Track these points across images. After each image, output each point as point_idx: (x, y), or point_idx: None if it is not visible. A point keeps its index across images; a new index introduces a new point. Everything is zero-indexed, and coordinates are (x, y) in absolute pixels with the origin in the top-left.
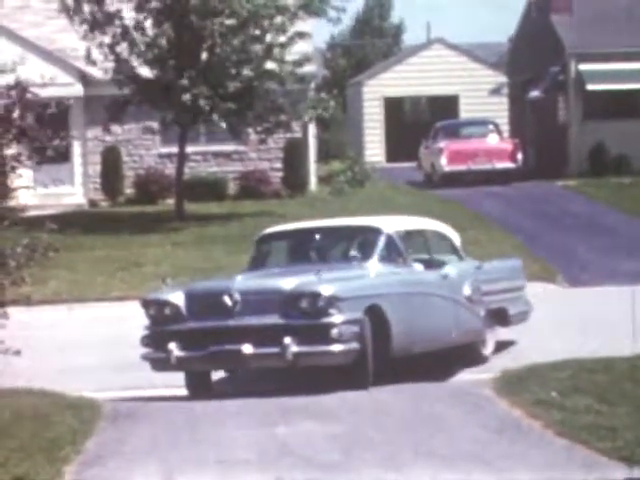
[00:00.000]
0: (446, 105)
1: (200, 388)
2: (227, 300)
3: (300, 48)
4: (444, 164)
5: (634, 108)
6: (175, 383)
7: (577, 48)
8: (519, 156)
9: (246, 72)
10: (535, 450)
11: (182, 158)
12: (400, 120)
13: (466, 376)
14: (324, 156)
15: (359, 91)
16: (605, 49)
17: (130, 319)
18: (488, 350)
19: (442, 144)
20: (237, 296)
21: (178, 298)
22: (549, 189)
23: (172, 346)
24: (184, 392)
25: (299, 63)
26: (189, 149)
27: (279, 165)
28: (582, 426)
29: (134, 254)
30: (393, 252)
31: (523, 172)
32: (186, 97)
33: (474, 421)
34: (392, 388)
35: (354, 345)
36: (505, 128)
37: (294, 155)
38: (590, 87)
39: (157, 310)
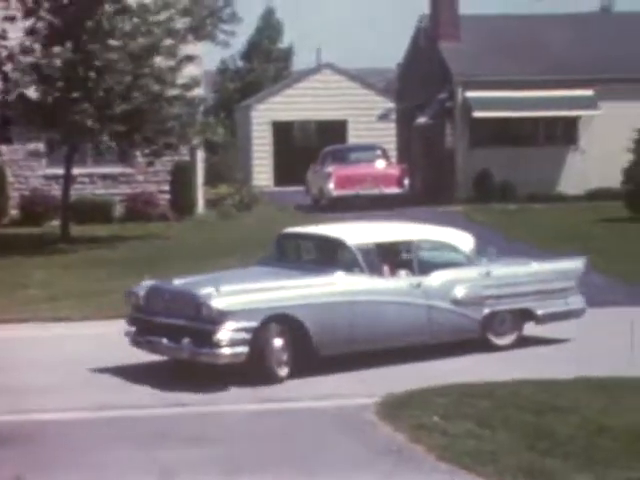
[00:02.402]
0: (335, 130)
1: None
2: (161, 300)
3: (189, 71)
4: (332, 189)
5: (519, 136)
6: (64, 406)
7: (464, 76)
8: (406, 181)
9: (135, 95)
10: (417, 475)
11: (68, 180)
12: (289, 144)
13: (351, 400)
14: (212, 179)
15: (248, 115)
16: (492, 77)
17: (16, 341)
18: (504, 341)
19: (330, 169)
20: (167, 297)
21: (142, 291)
22: (434, 214)
23: (133, 329)
24: (70, 415)
25: (188, 86)
26: (76, 171)
27: (166, 188)
28: (464, 451)
29: (19, 276)
30: (354, 263)
31: (410, 197)
32: (74, 117)
33: (356, 445)
34: (275, 410)
35: (241, 349)
36: (393, 153)
37: (182, 178)
38: (477, 114)
39: (132, 299)
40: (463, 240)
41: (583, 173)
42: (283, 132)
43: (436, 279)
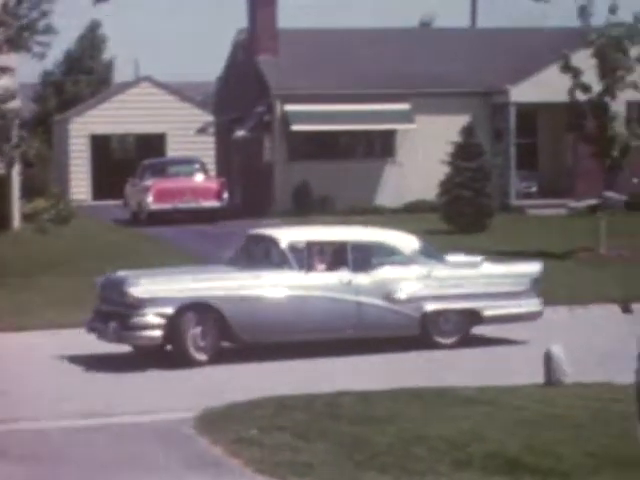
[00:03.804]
0: (153, 143)
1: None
2: (108, 289)
3: (4, 83)
4: (150, 202)
5: (338, 149)
6: None
7: (282, 89)
8: (225, 195)
9: None
10: None
11: None
12: (107, 158)
13: (171, 414)
14: (28, 193)
15: (65, 128)
16: (310, 90)
17: None
18: (448, 340)
19: (149, 182)
20: (109, 287)
21: (99, 283)
22: (253, 227)
23: (90, 317)
24: None
25: (2, 99)
26: None
27: None
28: (280, 463)
29: None
30: (284, 259)
31: (229, 210)
32: None
33: (174, 460)
34: (96, 425)
35: (156, 333)
36: (212, 167)
37: None
38: (295, 127)
39: (95, 290)
40: (405, 241)
41: (400, 186)
42: (101, 145)
43: (369, 277)
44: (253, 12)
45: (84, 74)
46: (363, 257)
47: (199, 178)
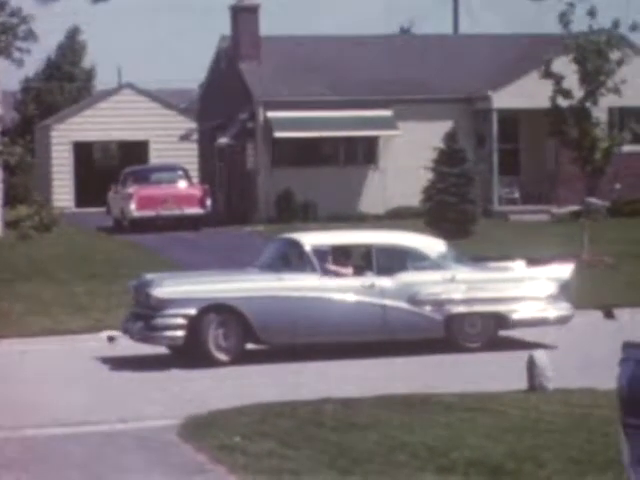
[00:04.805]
0: (136, 150)
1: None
2: (134, 291)
3: None
4: (133, 209)
5: (320, 156)
6: None
7: (265, 96)
8: (208, 202)
9: None
10: None
11: None
12: (90, 165)
13: (154, 422)
14: (11, 200)
15: (47, 135)
16: (293, 97)
17: None
18: (472, 344)
19: (131, 189)
20: (138, 289)
21: (133, 286)
22: (237, 234)
23: (124, 319)
24: None
25: None
26: None
27: None
28: (265, 470)
29: None
30: (307, 262)
31: (213, 218)
32: None
33: (158, 467)
34: (78, 433)
35: (179, 333)
36: (195, 174)
37: None
38: (278, 134)
39: (130, 292)
40: (431, 245)
41: (383, 192)
42: (84, 153)
43: (394, 280)
44: (236, 19)
45: (65, 81)
46: (388, 260)
47: (182, 185)
